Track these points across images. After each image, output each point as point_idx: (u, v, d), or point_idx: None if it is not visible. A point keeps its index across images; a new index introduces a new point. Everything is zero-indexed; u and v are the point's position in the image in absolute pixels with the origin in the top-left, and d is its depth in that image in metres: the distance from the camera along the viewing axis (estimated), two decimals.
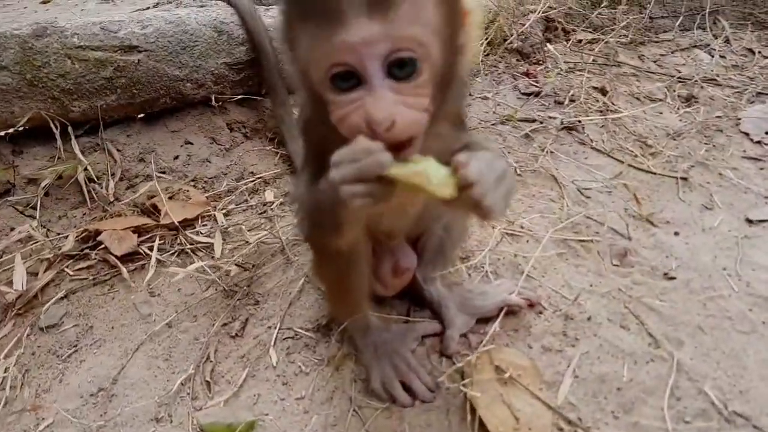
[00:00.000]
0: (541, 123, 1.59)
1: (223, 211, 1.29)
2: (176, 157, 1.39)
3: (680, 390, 0.92)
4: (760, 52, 2.10)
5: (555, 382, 0.93)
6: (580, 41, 2.00)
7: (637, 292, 1.11)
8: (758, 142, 1.59)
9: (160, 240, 1.20)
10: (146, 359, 1.02)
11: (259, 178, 1.39)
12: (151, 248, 1.18)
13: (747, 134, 1.63)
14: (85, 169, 1.26)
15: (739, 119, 1.68)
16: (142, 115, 1.38)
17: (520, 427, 0.84)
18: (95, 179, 1.29)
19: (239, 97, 1.47)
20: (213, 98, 1.42)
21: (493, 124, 1.58)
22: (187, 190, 1.30)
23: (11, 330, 1.07)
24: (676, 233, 1.27)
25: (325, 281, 0.97)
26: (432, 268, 1.02)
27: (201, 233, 1.23)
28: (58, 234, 1.24)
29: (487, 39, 1.82)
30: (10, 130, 1.23)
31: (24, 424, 0.91)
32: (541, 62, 1.84)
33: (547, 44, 1.87)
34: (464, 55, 0.67)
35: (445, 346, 0.98)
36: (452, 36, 0.63)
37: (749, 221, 1.30)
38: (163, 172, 1.34)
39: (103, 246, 1.18)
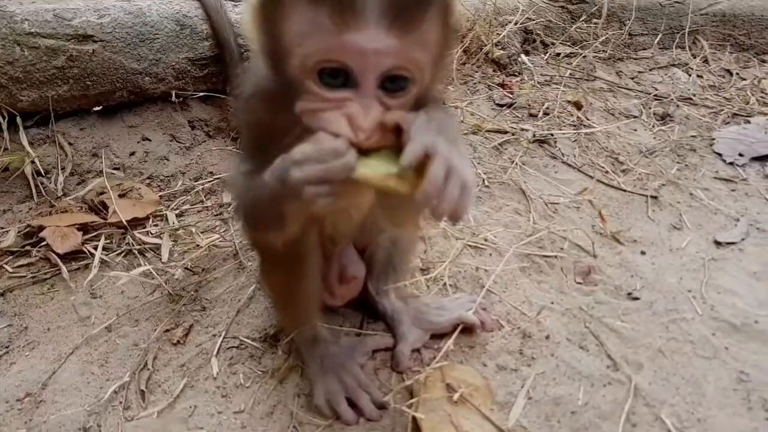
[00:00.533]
0: (513, 135, 1.56)
1: (176, 212, 1.23)
2: (132, 153, 1.34)
3: (636, 416, 0.88)
4: (737, 74, 2.10)
5: (507, 402, 0.89)
6: (558, 54, 1.99)
7: (598, 312, 1.08)
8: (731, 164, 1.58)
9: (106, 239, 1.15)
10: (80, 364, 0.96)
11: (217, 178, 1.34)
12: (95, 247, 1.12)
13: (720, 155, 1.62)
14: (33, 161, 1.20)
15: (713, 139, 1.67)
16: (97, 108, 1.32)
17: None
18: (43, 173, 1.23)
19: (202, 93, 1.42)
20: (173, 94, 1.36)
21: (464, 134, 1.55)
22: (140, 188, 1.24)
23: None
24: (643, 252, 1.24)
25: (272, 289, 0.92)
26: (383, 281, 0.97)
27: (151, 234, 1.18)
28: (1, 227, 1.17)
29: (463, 47, 1.80)
30: None
31: None
32: (517, 74, 1.82)
33: (524, 56, 1.85)
34: (444, 74, 0.68)
35: (396, 362, 0.93)
36: (442, 58, 0.64)
37: (717, 243, 1.28)
38: (117, 168, 1.29)
39: (45, 243, 1.12)
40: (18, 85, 1.18)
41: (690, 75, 2.04)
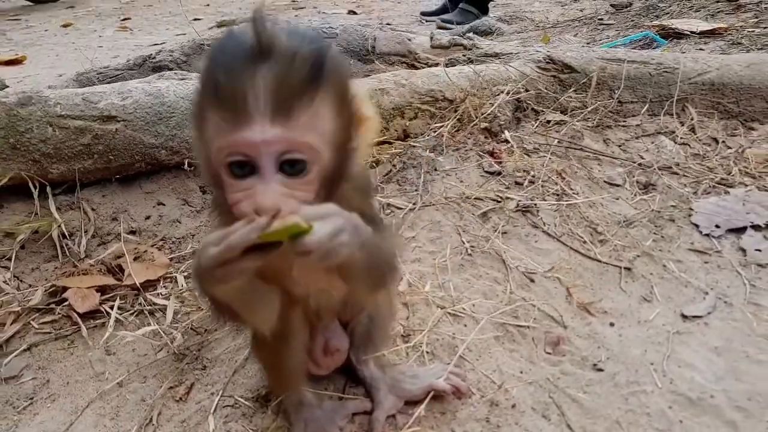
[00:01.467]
0: (498, 203, 1.68)
1: (185, 274, 1.36)
2: (148, 217, 1.48)
3: None
4: (724, 142, 2.20)
5: None
6: (548, 122, 2.11)
7: (563, 382, 1.17)
8: (707, 235, 1.67)
9: (121, 300, 1.28)
10: (94, 417, 1.08)
11: None
12: (112, 307, 1.26)
13: (697, 226, 1.71)
14: (60, 226, 1.35)
15: (692, 210, 1.77)
16: (118, 176, 1.47)
17: None
18: (68, 236, 1.37)
19: None
20: (186, 162, 1.51)
21: (452, 201, 1.67)
22: (152, 252, 1.38)
23: None
24: (612, 324, 1.34)
25: (261, 359, 1.04)
26: (363, 351, 1.09)
27: (161, 295, 1.31)
28: (30, 285, 1.31)
29: (457, 116, 1.93)
30: None
31: None
32: (506, 142, 1.95)
33: (507, 132, 1.97)
34: (355, 156, 0.77)
35: (371, 428, 1.04)
36: (345, 141, 0.75)
37: (684, 316, 1.37)
38: (134, 232, 1.43)
39: (67, 302, 1.25)
40: (49, 160, 1.34)
41: (676, 143, 2.15)
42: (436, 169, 1.79)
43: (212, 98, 0.70)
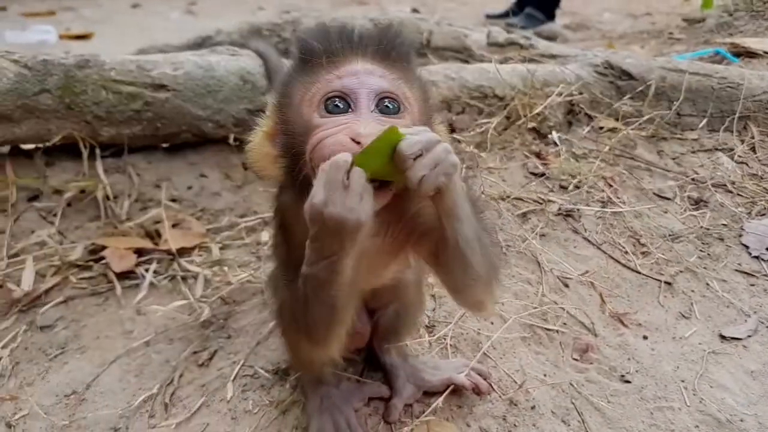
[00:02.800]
0: (540, 205, 1.64)
1: (219, 245, 1.39)
2: (189, 187, 1.51)
3: None
4: None
5: None
6: (601, 128, 2.05)
7: (587, 390, 1.14)
8: (756, 257, 1.59)
9: (157, 263, 1.31)
10: (120, 372, 1.11)
11: (260, 218, 1.49)
12: (147, 270, 1.29)
13: (747, 247, 1.63)
14: (105, 187, 1.39)
15: (743, 230, 1.69)
16: (164, 145, 1.51)
17: None
18: (112, 198, 1.42)
19: None
20: (232, 137, 1.54)
21: (493, 199, 1.65)
22: (190, 221, 1.41)
23: (11, 324, 1.18)
24: (645, 337, 1.29)
25: (290, 344, 1.01)
26: (386, 340, 1.08)
27: (195, 262, 1.34)
28: (72, 242, 1.36)
29: (505, 114, 1.90)
30: (45, 144, 1.38)
31: (5, 410, 1.02)
32: (555, 144, 1.90)
33: (555, 133, 1.93)
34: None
35: (388, 413, 1.03)
36: (427, 116, 0.78)
37: (722, 337, 1.31)
38: (174, 200, 1.46)
39: (105, 261, 1.29)
40: (100, 123, 1.38)
41: (734, 161, 2.06)
42: (478, 165, 1.76)
43: (316, 47, 0.74)
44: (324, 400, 1.02)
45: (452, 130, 1.85)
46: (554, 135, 1.85)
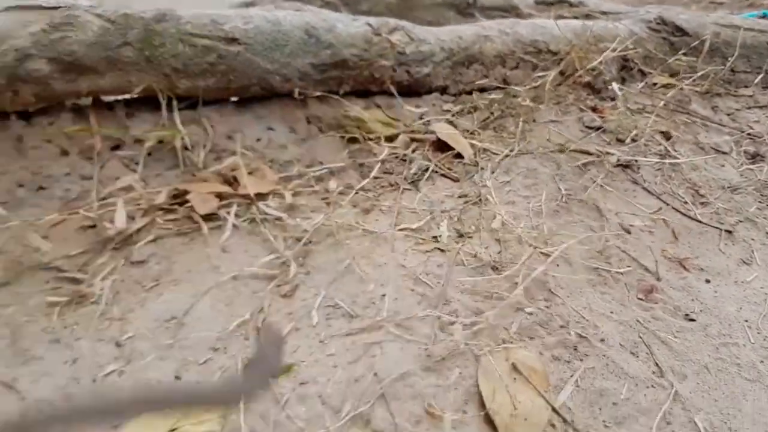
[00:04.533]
0: (598, 157, 1.67)
1: (291, 192, 1.45)
2: (258, 140, 1.57)
3: (672, 416, 1.00)
4: None
5: (557, 387, 1.03)
6: (654, 84, 2.05)
7: (654, 326, 1.18)
8: None
9: (237, 207, 1.38)
10: (212, 302, 1.19)
11: (326, 168, 1.55)
12: (228, 212, 1.36)
13: None
14: (183, 138, 1.46)
15: None
16: (234, 99, 1.57)
17: (517, 414, 0.95)
18: (189, 147, 1.49)
19: (319, 94, 1.64)
20: (297, 92, 1.59)
21: (551, 151, 1.68)
22: (263, 169, 1.48)
23: (108, 259, 1.27)
24: (707, 281, 1.33)
25: None
26: None
27: (270, 206, 1.40)
28: (154, 188, 1.44)
29: (560, 69, 1.92)
30: (126, 96, 1.45)
31: (113, 332, 1.11)
32: (610, 99, 1.91)
33: (615, 84, 1.93)
34: None
35: None
36: None
37: None
38: (246, 150, 1.53)
39: (189, 204, 1.37)
40: (177, 75, 1.45)
41: None
42: (534, 120, 1.79)
43: None
44: None
45: (506, 85, 1.88)
46: (614, 86, 1.86)
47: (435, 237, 1.34)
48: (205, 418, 0.95)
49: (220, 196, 1.40)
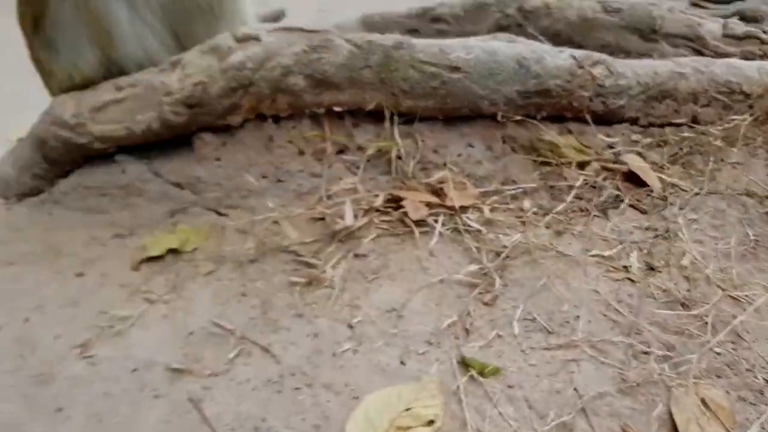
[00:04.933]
0: None
1: (489, 207, 1.63)
2: (459, 155, 1.77)
3: None
4: None
5: (742, 426, 1.13)
6: None
7: None
8: None
9: (443, 216, 1.58)
10: (423, 300, 1.40)
11: (520, 188, 1.71)
12: (436, 220, 1.57)
13: None
14: (399, 149, 1.69)
15: None
16: (443, 117, 1.77)
17: None
18: (401, 158, 1.71)
19: (519, 118, 1.79)
20: (500, 115, 1.76)
21: (738, 194, 1.71)
22: (465, 183, 1.66)
23: (335, 250, 1.52)
24: None
25: None
26: None
27: (471, 219, 1.59)
28: (369, 191, 1.68)
29: (752, 112, 1.92)
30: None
31: (344, 315, 1.35)
32: None
33: None
34: None
35: None
36: None
37: None
38: (449, 165, 1.72)
39: (402, 209, 1.59)
40: (404, 95, 1.67)
41: None
42: (722, 160, 1.83)
43: None
44: None
45: (696, 123, 1.92)
46: None
47: (625, 267, 1.46)
48: (431, 403, 1.15)
49: (428, 204, 1.60)
